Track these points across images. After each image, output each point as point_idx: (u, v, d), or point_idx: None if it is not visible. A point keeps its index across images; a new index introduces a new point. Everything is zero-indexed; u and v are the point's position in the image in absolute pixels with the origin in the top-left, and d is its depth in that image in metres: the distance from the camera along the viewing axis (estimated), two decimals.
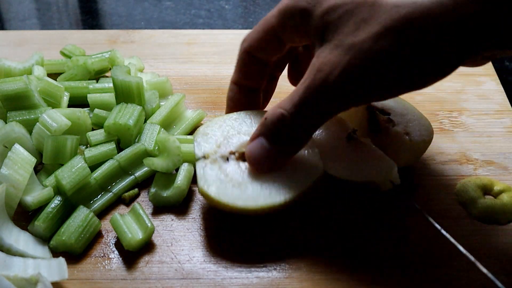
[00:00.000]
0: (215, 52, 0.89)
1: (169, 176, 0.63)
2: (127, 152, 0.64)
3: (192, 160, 0.62)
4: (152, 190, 0.62)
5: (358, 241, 0.58)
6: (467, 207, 0.62)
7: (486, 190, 0.63)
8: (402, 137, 0.60)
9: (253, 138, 0.56)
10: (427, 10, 0.46)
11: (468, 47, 0.46)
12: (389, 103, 0.65)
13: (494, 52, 0.50)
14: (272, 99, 0.79)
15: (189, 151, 0.64)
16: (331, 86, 0.49)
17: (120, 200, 0.63)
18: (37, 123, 0.63)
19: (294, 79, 0.69)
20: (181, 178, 0.61)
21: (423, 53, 0.47)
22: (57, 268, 0.53)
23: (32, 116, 0.65)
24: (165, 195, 0.61)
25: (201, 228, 0.60)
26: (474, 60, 0.57)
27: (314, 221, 0.60)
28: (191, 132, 0.72)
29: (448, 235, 0.54)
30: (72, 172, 0.59)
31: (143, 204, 0.63)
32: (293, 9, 0.54)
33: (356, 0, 0.50)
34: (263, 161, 0.55)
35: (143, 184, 0.65)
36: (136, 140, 0.67)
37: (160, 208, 0.62)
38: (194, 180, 0.61)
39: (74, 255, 0.56)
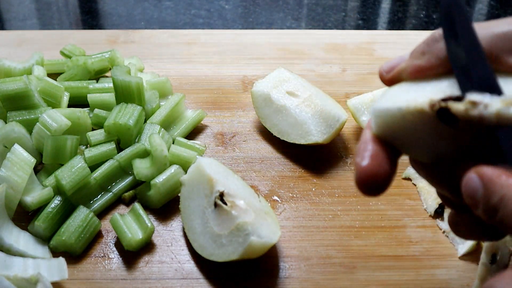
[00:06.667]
0: (215, 52, 0.89)
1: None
2: (127, 152, 0.64)
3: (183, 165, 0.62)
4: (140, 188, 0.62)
5: (357, 241, 0.58)
6: None
7: None
8: None
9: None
10: None
11: None
12: None
13: None
14: None
15: (182, 156, 0.64)
16: None
17: (120, 200, 0.63)
18: (37, 123, 0.63)
19: None
20: (162, 178, 0.61)
21: None
22: (57, 268, 0.53)
23: (32, 116, 0.65)
24: (147, 193, 0.61)
25: None
26: None
27: (313, 220, 0.61)
28: (191, 132, 0.72)
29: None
30: (72, 172, 0.59)
31: None
32: None
33: None
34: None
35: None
36: (136, 140, 0.67)
37: (160, 208, 0.62)
38: None
39: (74, 255, 0.57)
